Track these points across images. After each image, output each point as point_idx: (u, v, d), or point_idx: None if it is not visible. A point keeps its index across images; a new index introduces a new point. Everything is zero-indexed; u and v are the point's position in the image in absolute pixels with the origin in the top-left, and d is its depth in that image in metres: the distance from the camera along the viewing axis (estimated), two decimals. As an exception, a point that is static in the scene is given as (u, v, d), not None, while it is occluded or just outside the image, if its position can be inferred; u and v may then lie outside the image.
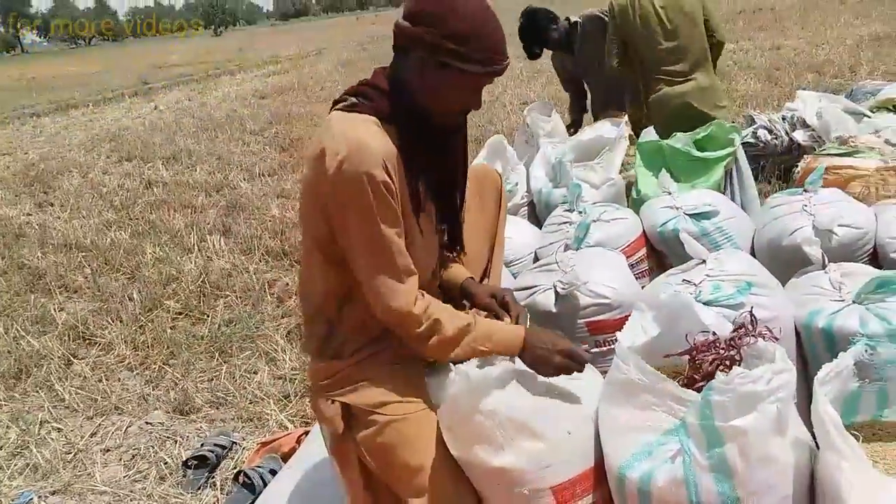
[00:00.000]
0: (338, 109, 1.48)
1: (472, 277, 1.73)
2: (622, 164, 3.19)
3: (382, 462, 1.48)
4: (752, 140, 4.65)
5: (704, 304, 1.76)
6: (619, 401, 1.33)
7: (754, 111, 5.19)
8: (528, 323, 1.64)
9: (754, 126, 4.62)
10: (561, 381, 1.47)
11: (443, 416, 1.35)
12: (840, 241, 2.22)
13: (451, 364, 1.43)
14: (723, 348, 1.32)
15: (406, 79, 1.44)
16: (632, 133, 3.49)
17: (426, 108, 1.43)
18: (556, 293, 1.99)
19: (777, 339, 1.31)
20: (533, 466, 1.31)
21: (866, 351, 1.28)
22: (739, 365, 1.27)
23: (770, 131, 4.41)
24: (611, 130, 3.27)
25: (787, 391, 1.18)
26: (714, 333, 1.36)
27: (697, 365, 1.33)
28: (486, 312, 1.63)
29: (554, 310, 1.99)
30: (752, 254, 2.44)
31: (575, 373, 1.46)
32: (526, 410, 1.35)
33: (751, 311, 1.36)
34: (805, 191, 2.41)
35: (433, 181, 1.52)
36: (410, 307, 1.42)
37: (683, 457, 1.18)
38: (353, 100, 1.47)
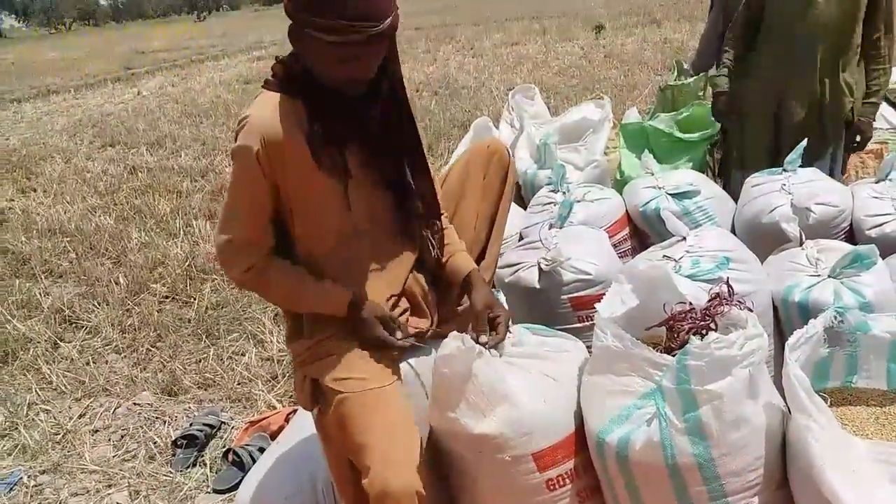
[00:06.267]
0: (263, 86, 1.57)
1: (477, 269, 1.70)
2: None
3: (341, 440, 1.50)
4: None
5: (686, 278, 1.80)
6: (599, 368, 1.37)
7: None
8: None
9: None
10: (542, 353, 1.51)
11: (435, 380, 1.37)
12: (817, 219, 2.27)
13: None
14: (699, 317, 1.36)
15: (295, 50, 1.50)
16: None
17: (318, 79, 1.47)
18: (540, 270, 2.03)
19: (751, 309, 1.35)
20: (513, 433, 1.34)
21: (835, 318, 1.33)
22: (715, 332, 1.31)
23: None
24: (595, 112, 3.31)
25: (759, 356, 1.22)
26: (690, 304, 1.40)
27: (674, 334, 1.37)
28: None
29: (538, 286, 2.03)
30: (733, 232, 2.49)
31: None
32: (506, 379, 1.39)
33: (727, 282, 1.40)
34: (784, 170, 2.46)
35: (358, 149, 1.55)
36: (238, 271, 1.53)
37: (659, 420, 1.23)
38: (269, 77, 1.56)
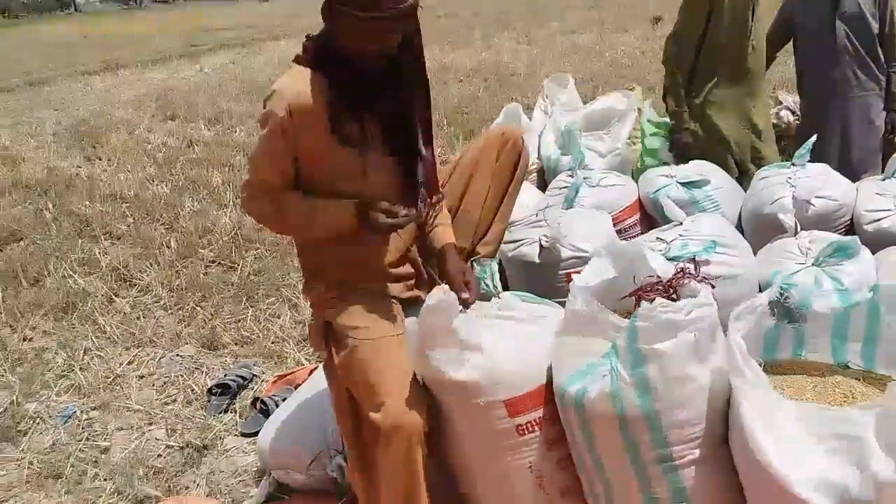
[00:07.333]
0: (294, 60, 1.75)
1: (453, 244, 1.86)
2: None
3: (351, 378, 1.71)
4: (774, 121, 4.74)
5: (672, 258, 1.93)
6: (569, 330, 1.53)
7: (783, 91, 5.24)
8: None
9: (779, 107, 4.70)
10: (524, 316, 1.67)
11: (421, 328, 1.55)
12: (817, 212, 2.36)
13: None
14: (663, 289, 1.50)
15: (325, 27, 1.67)
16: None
17: (343, 53, 1.63)
18: (541, 246, 2.19)
19: (713, 285, 1.49)
20: (487, 381, 1.52)
21: (780, 293, 1.45)
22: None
23: (794, 112, 4.48)
24: (621, 102, 3.41)
25: (706, 323, 1.36)
26: (659, 277, 1.54)
27: (642, 304, 1.51)
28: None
29: (537, 260, 2.19)
30: (740, 221, 2.59)
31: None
32: (483, 333, 1.56)
33: (693, 258, 1.54)
34: (793, 164, 2.54)
35: (376, 121, 1.73)
36: (248, 202, 1.79)
37: (612, 375, 1.38)
38: (299, 52, 1.74)
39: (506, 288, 1.96)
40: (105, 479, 2.37)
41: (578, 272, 2.16)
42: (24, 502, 2.31)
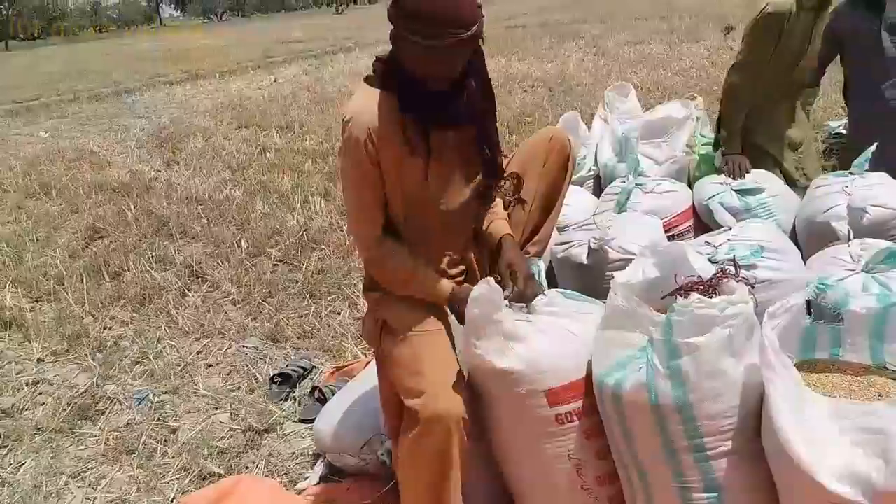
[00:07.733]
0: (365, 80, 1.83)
1: (511, 235, 1.93)
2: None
3: (396, 371, 1.79)
4: (843, 131, 4.66)
5: (716, 262, 1.96)
6: (609, 324, 1.59)
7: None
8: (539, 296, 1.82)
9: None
10: (568, 312, 1.74)
11: (467, 319, 1.63)
12: (871, 220, 2.33)
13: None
14: (703, 288, 1.54)
15: (393, 50, 1.75)
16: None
17: (409, 75, 1.70)
18: (590, 248, 2.25)
19: (752, 285, 1.52)
20: (529, 371, 1.59)
21: (816, 293, 1.47)
22: (713, 300, 1.49)
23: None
24: (680, 111, 3.42)
25: (740, 320, 1.40)
26: (700, 276, 1.59)
27: (678, 300, 1.56)
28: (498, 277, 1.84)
29: (586, 262, 2.24)
30: (793, 229, 2.58)
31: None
32: (528, 326, 1.64)
33: (733, 259, 1.58)
34: (851, 173, 2.52)
35: (440, 132, 1.79)
36: (366, 251, 1.86)
37: (648, 367, 1.43)
38: (370, 73, 1.82)
39: (552, 287, 2.02)
40: (173, 457, 2.54)
41: (625, 274, 2.24)
42: (100, 474, 2.51)
